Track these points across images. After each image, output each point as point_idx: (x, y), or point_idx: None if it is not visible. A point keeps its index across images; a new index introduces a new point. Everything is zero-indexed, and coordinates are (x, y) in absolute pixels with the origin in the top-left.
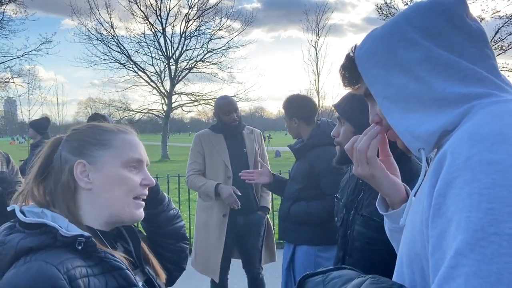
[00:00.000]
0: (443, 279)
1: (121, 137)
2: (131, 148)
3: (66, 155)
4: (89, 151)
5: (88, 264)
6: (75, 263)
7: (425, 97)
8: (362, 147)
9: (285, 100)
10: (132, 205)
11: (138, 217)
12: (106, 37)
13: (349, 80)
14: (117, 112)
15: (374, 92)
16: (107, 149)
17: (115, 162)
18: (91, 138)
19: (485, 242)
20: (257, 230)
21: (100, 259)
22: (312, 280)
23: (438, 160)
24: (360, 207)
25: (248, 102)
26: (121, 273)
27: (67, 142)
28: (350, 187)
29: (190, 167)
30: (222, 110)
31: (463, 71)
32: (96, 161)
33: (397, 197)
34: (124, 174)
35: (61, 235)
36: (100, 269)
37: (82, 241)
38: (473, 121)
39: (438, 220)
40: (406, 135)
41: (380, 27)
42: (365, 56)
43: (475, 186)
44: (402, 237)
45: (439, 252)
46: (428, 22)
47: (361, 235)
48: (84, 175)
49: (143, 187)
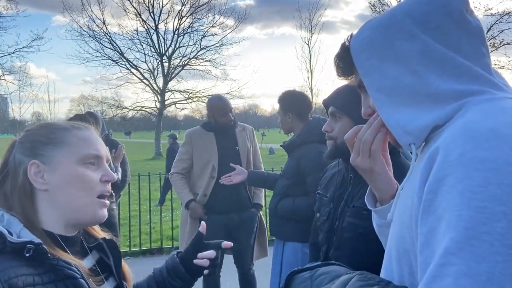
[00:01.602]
0: (432, 278)
1: (75, 133)
2: (86, 144)
3: (20, 157)
4: (42, 151)
5: (37, 272)
6: (20, 271)
7: (419, 92)
8: (368, 139)
9: (281, 94)
10: (95, 204)
11: (100, 218)
12: (98, 33)
13: (343, 70)
14: (110, 109)
15: (367, 83)
16: (61, 147)
17: (70, 160)
18: (43, 137)
19: (476, 241)
20: (250, 227)
21: (52, 266)
22: (300, 276)
23: (430, 156)
24: (351, 199)
25: (242, 99)
26: (74, 282)
27: (20, 144)
28: (338, 181)
29: (176, 163)
30: (219, 111)
31: (458, 67)
32: (50, 161)
33: (389, 194)
34: (80, 171)
35: (9, 241)
36: (51, 277)
37: (32, 248)
38: (466, 118)
39: (428, 217)
40: (398, 129)
41: (378, 17)
42: (361, 46)
43: (467, 184)
44: (390, 232)
45: (428, 249)
46: (427, 15)
47: (354, 226)
48: (38, 176)
49: (104, 184)
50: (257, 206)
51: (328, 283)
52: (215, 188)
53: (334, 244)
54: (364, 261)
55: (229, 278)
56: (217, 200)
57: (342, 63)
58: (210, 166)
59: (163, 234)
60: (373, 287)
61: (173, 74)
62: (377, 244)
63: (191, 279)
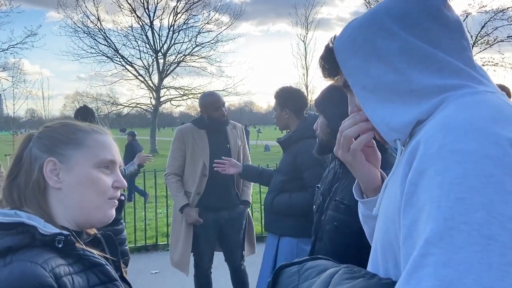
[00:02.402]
0: (413, 268)
1: (95, 137)
2: (104, 149)
3: (37, 152)
4: (61, 150)
5: (68, 262)
6: (57, 262)
7: (401, 89)
8: (348, 134)
9: (278, 90)
10: (105, 205)
11: (109, 218)
12: (93, 30)
13: (329, 71)
14: (105, 106)
15: (352, 83)
16: (80, 149)
17: (87, 162)
18: (64, 136)
19: (455, 231)
20: (239, 224)
21: (79, 256)
22: (287, 270)
23: (411, 150)
24: (335, 193)
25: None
26: (102, 269)
27: (38, 139)
28: (330, 176)
29: (170, 163)
30: (212, 106)
31: (439, 62)
32: (67, 160)
33: (371, 186)
34: (95, 175)
35: (40, 233)
36: (80, 267)
37: (62, 239)
38: (446, 112)
39: (410, 210)
40: (383, 126)
41: (359, 17)
42: (344, 47)
43: (447, 176)
44: (376, 226)
45: (410, 241)
46: (406, 12)
47: (332, 219)
48: (54, 174)
49: (115, 190)
50: (245, 203)
51: (315, 277)
52: (206, 186)
53: (318, 236)
54: (338, 252)
55: (224, 274)
56: (208, 198)
57: (327, 65)
58: (201, 164)
59: (158, 230)
60: (357, 280)
61: (168, 71)
62: (351, 238)
63: None
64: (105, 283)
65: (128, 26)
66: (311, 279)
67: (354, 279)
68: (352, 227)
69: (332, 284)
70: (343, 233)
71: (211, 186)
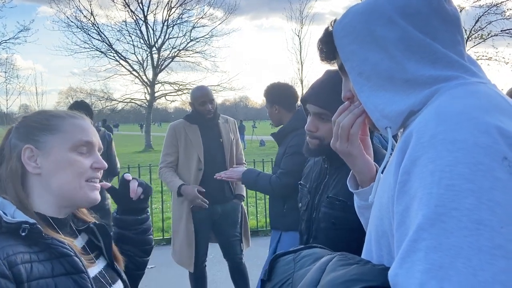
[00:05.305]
0: (405, 253)
1: (70, 121)
2: (80, 132)
3: (15, 141)
4: (37, 136)
5: (33, 250)
6: (17, 249)
7: (396, 77)
8: (346, 124)
9: (266, 88)
10: (85, 187)
11: (93, 200)
12: (86, 24)
13: (326, 55)
14: (99, 101)
15: (348, 68)
16: (55, 134)
17: (63, 146)
18: (39, 124)
19: (445, 217)
20: (235, 218)
21: (47, 245)
22: (283, 259)
23: (404, 139)
24: (326, 190)
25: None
26: (69, 260)
27: (16, 129)
28: (315, 173)
29: (163, 158)
30: (198, 101)
31: (434, 53)
32: (43, 146)
33: (368, 176)
34: (72, 157)
35: (5, 221)
36: (46, 255)
37: (27, 227)
38: (439, 102)
39: (403, 197)
40: (376, 113)
41: (361, 3)
42: (343, 31)
43: (438, 164)
44: (370, 215)
45: (403, 227)
46: (407, 2)
47: (327, 216)
48: (32, 160)
49: (94, 170)
50: (239, 197)
51: (310, 264)
52: (201, 180)
53: (312, 234)
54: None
55: (220, 268)
56: (202, 193)
57: (325, 48)
58: (195, 159)
59: (153, 225)
60: (352, 266)
61: (162, 66)
62: (347, 234)
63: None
64: (71, 273)
65: (122, 21)
66: (307, 267)
67: (349, 266)
68: (350, 223)
69: (327, 271)
70: (342, 230)
71: (203, 181)
